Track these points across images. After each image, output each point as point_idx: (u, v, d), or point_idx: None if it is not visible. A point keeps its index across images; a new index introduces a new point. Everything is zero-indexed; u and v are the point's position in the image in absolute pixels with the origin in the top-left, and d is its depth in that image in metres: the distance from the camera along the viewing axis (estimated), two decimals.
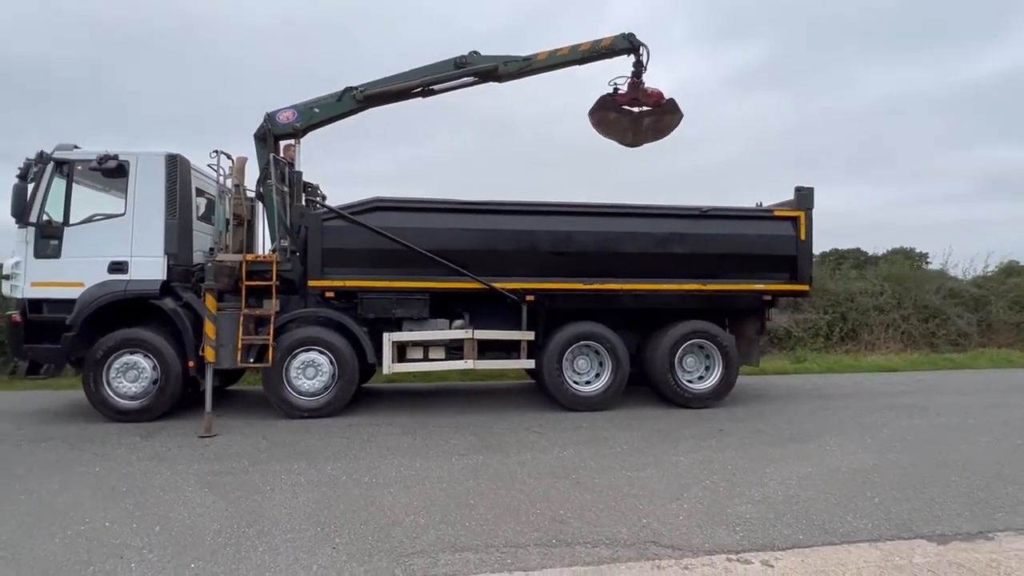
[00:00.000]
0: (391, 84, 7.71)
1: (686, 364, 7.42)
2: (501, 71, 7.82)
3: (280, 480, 4.53)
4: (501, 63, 7.80)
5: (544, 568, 3.12)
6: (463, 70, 7.74)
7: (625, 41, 7.87)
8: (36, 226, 6.57)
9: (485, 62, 7.78)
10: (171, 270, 6.77)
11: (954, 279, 14.98)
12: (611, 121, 7.97)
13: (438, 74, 7.78)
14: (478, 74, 7.85)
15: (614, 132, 8.03)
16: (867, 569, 3.12)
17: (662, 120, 8.02)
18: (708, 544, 3.41)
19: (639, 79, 7.93)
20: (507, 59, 7.83)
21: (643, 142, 8.09)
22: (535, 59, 7.87)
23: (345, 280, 6.82)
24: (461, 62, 7.71)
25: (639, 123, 7.99)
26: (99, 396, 6.52)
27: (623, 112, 7.98)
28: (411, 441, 5.74)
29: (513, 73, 7.89)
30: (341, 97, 7.61)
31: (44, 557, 3.22)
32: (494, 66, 7.78)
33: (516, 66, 7.84)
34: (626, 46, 7.89)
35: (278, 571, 3.04)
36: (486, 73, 7.85)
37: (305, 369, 6.82)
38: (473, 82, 7.98)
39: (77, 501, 4.08)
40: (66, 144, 6.82)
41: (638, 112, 7.99)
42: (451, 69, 7.74)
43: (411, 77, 7.75)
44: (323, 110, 7.61)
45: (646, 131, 8.03)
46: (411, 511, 3.89)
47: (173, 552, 3.27)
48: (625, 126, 8.01)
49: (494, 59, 7.82)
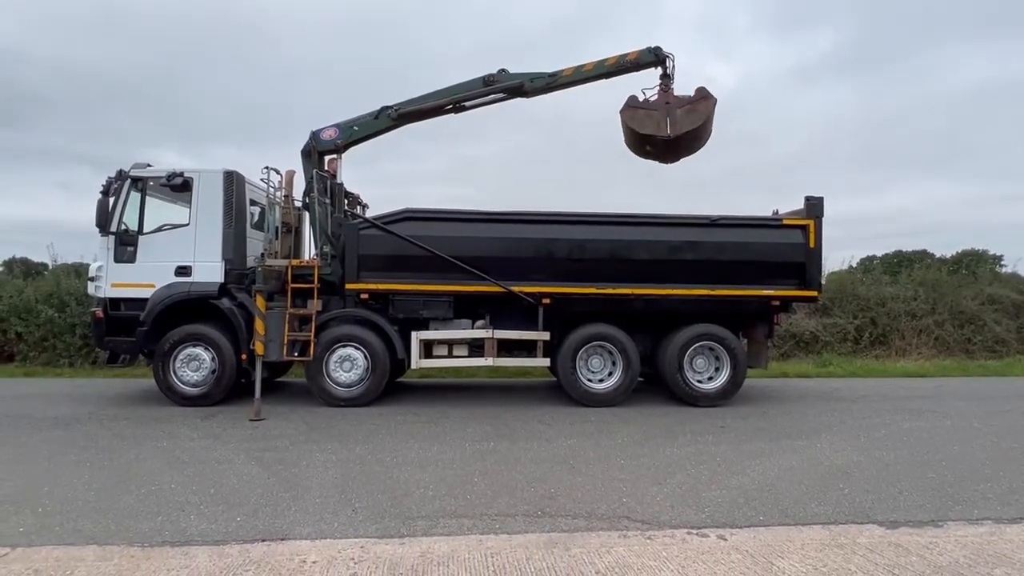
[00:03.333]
0: (424, 103, 8.35)
1: (696, 365, 7.80)
2: (527, 87, 8.30)
3: (315, 457, 5.23)
4: (527, 80, 8.28)
5: (526, 533, 3.66)
6: (491, 87, 8.27)
7: (651, 55, 8.11)
8: (116, 235, 7.56)
9: (512, 79, 8.28)
10: (227, 273, 7.64)
11: (1008, 283, 14.51)
12: (643, 116, 7.91)
13: (468, 92, 8.34)
14: (506, 91, 8.35)
15: (649, 126, 7.86)
16: (811, 545, 3.51)
17: (696, 107, 7.87)
18: (675, 521, 3.87)
19: (668, 90, 8.05)
20: (533, 76, 8.30)
21: (680, 130, 7.79)
22: (561, 75, 8.28)
23: (378, 283, 7.53)
24: (489, 80, 8.26)
25: (673, 114, 7.84)
26: (166, 383, 7.45)
27: (653, 107, 7.93)
28: (432, 429, 6.39)
29: (539, 89, 8.34)
30: (378, 115, 8.33)
31: (124, 508, 3.99)
32: (520, 83, 8.27)
33: (542, 82, 8.30)
34: (652, 60, 8.12)
35: (306, 525, 3.71)
36: (513, 89, 8.33)
37: (342, 363, 7.57)
38: (502, 98, 8.48)
39: (149, 468, 4.89)
40: (141, 163, 7.80)
41: (669, 104, 7.89)
42: (480, 86, 8.30)
43: (442, 95, 8.34)
44: (362, 128, 8.34)
45: (681, 119, 7.80)
46: (422, 485, 4.50)
47: (224, 509, 3.99)
48: (658, 119, 7.87)
49: (520, 76, 8.30)
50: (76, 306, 11.40)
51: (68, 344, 11.38)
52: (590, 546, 3.40)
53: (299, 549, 3.32)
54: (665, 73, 8.14)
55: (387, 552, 3.29)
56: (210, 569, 3.06)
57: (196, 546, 3.37)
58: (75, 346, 11.36)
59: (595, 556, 3.26)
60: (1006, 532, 3.68)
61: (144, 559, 3.18)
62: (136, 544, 3.38)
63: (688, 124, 7.82)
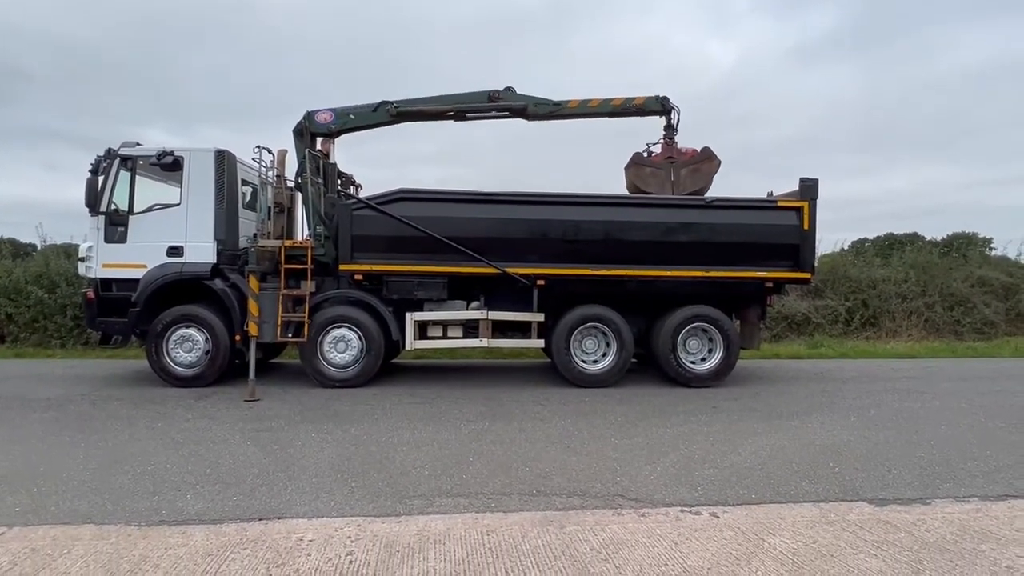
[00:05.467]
0: (425, 105, 8.27)
1: (689, 346, 7.86)
2: (531, 111, 8.29)
3: (310, 437, 5.25)
4: (532, 104, 8.26)
5: (522, 511, 3.69)
6: (495, 104, 8.23)
7: (657, 104, 8.24)
8: (105, 215, 7.47)
9: (517, 100, 8.25)
10: (220, 254, 7.59)
11: (998, 266, 14.62)
12: (647, 175, 8.16)
13: (471, 103, 8.29)
14: (509, 110, 8.32)
15: (653, 184, 8.14)
16: (801, 522, 3.57)
17: (700, 168, 8.12)
18: (668, 499, 3.92)
19: (672, 141, 8.19)
20: (538, 101, 8.27)
21: (683, 191, 8.05)
22: (565, 106, 8.30)
23: (372, 264, 7.50)
24: (494, 96, 8.20)
25: (677, 174, 8.08)
26: (160, 364, 7.43)
27: (658, 166, 8.16)
28: (427, 409, 6.42)
29: (541, 115, 8.34)
30: (376, 108, 8.23)
31: (120, 488, 3.99)
32: (524, 106, 8.27)
33: (545, 109, 8.30)
34: (657, 108, 8.26)
35: (302, 504, 3.73)
36: (517, 111, 8.31)
37: (336, 344, 7.57)
38: (504, 116, 8.46)
39: (143, 448, 4.89)
40: (130, 141, 7.68)
41: (673, 161, 8.13)
42: (484, 101, 8.25)
43: (445, 102, 8.28)
44: (358, 118, 8.25)
45: (684, 180, 8.09)
46: (418, 465, 4.53)
47: (220, 488, 4.00)
48: (663, 179, 8.12)
49: (525, 99, 8.27)
50: (67, 287, 11.33)
51: (59, 325, 11.33)
52: (585, 524, 3.45)
53: (296, 527, 3.35)
54: (669, 124, 8.28)
55: (384, 530, 3.32)
56: (207, 547, 3.08)
57: (193, 525, 3.38)
58: (66, 327, 11.31)
59: (590, 533, 3.30)
60: (992, 509, 3.76)
61: (141, 538, 3.19)
62: (133, 523, 3.39)
63: (691, 185, 8.10)
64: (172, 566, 2.87)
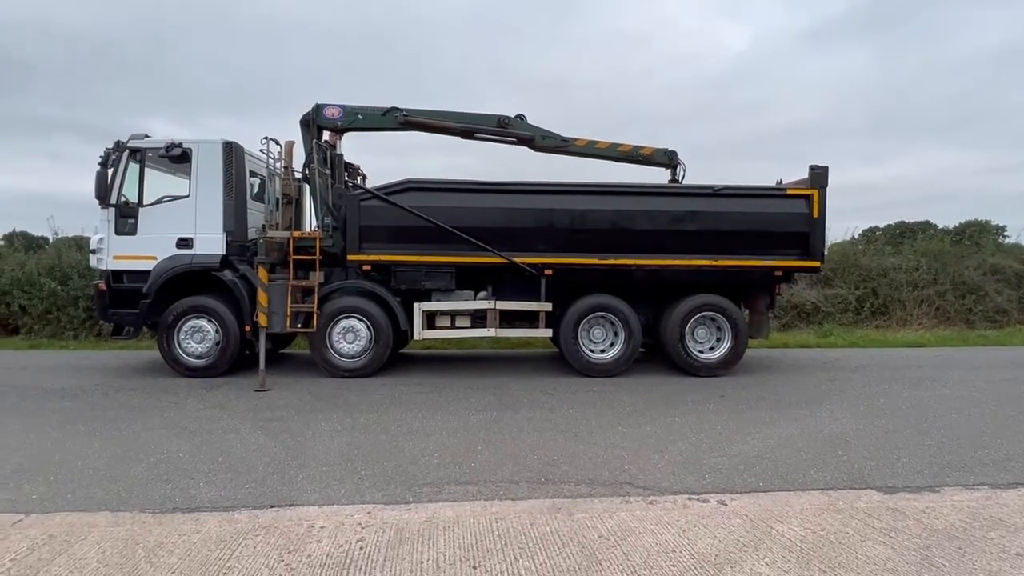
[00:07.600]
0: (434, 119, 8.25)
1: (697, 335, 7.84)
2: (538, 143, 8.29)
3: (320, 427, 5.30)
4: (539, 135, 8.26)
5: (530, 499, 3.72)
6: (504, 130, 8.22)
7: (664, 156, 8.28)
8: (116, 207, 7.52)
9: (526, 130, 8.25)
10: (229, 245, 7.63)
11: (1011, 254, 14.46)
12: None
13: (479, 125, 8.27)
14: (517, 138, 8.30)
15: None
16: (810, 509, 3.57)
17: None
18: (676, 487, 3.93)
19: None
20: (546, 133, 8.26)
21: None
22: (573, 143, 8.31)
23: (380, 255, 7.52)
24: (504, 122, 8.19)
25: None
26: (171, 355, 7.51)
27: None
28: (436, 398, 6.45)
29: (548, 148, 8.34)
30: (385, 114, 8.20)
31: (134, 476, 4.06)
32: (532, 136, 8.25)
33: (552, 143, 8.30)
34: (664, 161, 8.31)
35: (313, 492, 3.77)
36: (524, 140, 8.31)
37: (345, 334, 7.62)
38: (511, 142, 8.43)
39: (157, 437, 4.96)
40: (138, 134, 7.72)
41: None
42: (493, 125, 8.22)
43: (454, 119, 8.25)
44: (366, 119, 8.23)
45: None
46: (427, 453, 4.56)
47: (232, 476, 4.06)
48: None
49: (533, 129, 8.26)
50: (78, 279, 11.45)
51: (72, 317, 11.46)
52: (593, 511, 3.47)
53: (307, 515, 3.39)
54: (674, 178, 8.25)
55: (393, 517, 3.35)
56: (220, 534, 3.12)
57: (206, 512, 3.43)
58: (79, 319, 11.44)
59: (598, 521, 3.32)
60: (1002, 497, 3.74)
61: (156, 524, 3.25)
62: (147, 511, 3.45)
63: None
64: (186, 552, 2.92)
